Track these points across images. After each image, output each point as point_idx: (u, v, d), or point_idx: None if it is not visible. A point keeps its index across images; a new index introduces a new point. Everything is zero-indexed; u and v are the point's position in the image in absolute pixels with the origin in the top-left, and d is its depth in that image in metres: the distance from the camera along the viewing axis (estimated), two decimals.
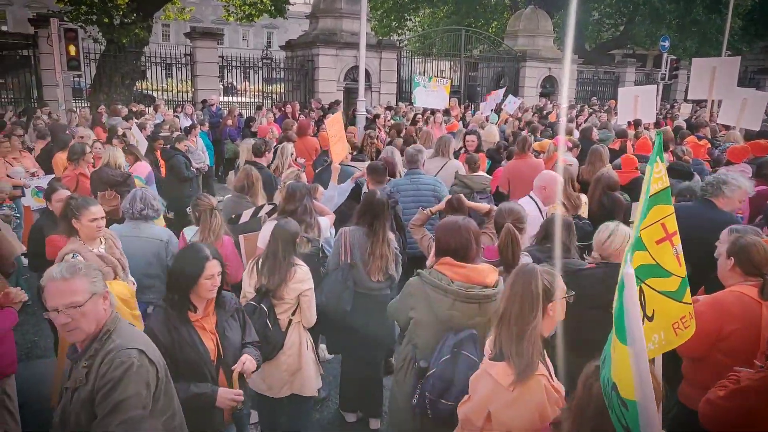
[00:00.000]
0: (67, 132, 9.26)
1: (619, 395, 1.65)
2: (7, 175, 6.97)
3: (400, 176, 5.85)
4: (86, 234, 3.63)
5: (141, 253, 4.12)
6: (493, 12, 31.57)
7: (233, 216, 4.53)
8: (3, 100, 16.59)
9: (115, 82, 17.40)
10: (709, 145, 8.95)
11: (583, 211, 5.25)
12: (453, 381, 2.74)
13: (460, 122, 13.16)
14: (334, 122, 5.91)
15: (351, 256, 4.01)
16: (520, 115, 14.59)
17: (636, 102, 10.92)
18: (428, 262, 3.50)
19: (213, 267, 2.76)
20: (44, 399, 4.48)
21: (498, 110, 15.29)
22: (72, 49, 10.76)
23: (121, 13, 17.32)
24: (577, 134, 9.41)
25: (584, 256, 3.90)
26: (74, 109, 13.64)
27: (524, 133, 9.09)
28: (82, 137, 8.96)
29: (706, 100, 13.87)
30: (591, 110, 17.54)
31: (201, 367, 2.74)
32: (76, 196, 4.02)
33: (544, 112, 16.34)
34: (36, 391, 4.55)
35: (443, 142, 6.79)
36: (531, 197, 4.79)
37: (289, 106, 14.47)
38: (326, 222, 4.60)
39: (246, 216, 4.49)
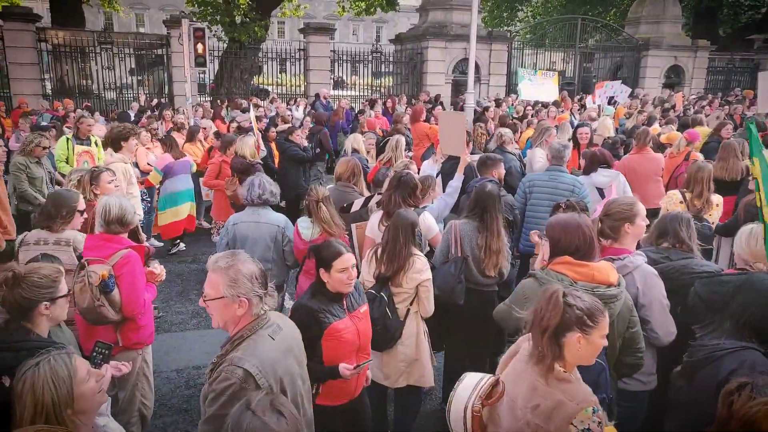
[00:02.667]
0: (193, 123, 9.97)
1: None
2: (147, 163, 7.62)
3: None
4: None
5: (260, 238, 4.28)
6: None
7: (344, 205, 4.61)
8: (139, 94, 18.27)
9: (235, 77, 18.55)
10: None
11: (714, 215, 4.76)
12: None
13: (571, 115, 12.50)
14: (452, 118, 5.78)
15: (461, 249, 3.94)
16: (640, 107, 13.59)
17: None
18: (537, 264, 3.31)
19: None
20: (170, 370, 4.93)
21: (613, 102, 14.39)
22: (200, 47, 11.53)
23: (242, 12, 18.40)
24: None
25: None
26: (200, 102, 14.70)
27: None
28: (205, 128, 9.64)
29: None
30: (724, 102, 15.95)
31: None
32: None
33: (667, 105, 15.10)
34: (165, 362, 5.04)
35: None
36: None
37: (389, 100, 14.53)
38: (428, 215, 4.50)
39: (357, 205, 4.55)
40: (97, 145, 7.58)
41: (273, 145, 8.76)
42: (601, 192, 5.53)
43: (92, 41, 17.15)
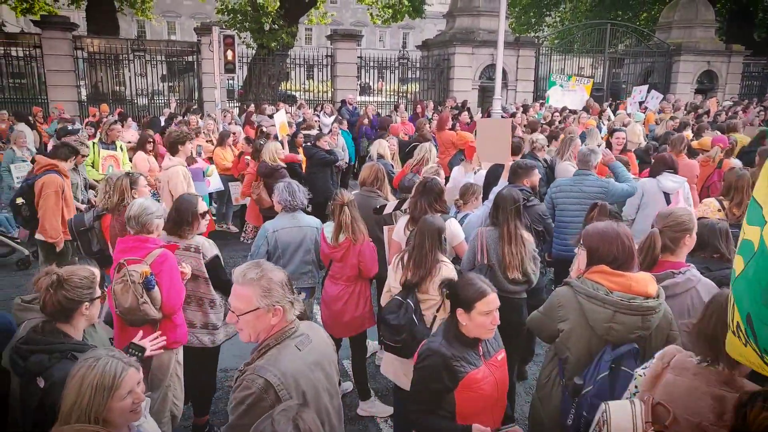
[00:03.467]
0: (222, 129, 10.11)
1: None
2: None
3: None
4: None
5: (303, 242, 4.35)
6: (642, 3, 29.20)
7: (377, 207, 4.64)
8: (170, 101, 18.63)
9: (263, 83, 18.81)
10: None
11: None
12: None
13: (599, 120, 12.32)
14: (493, 125, 5.80)
15: (487, 257, 3.91)
16: (671, 113, 13.32)
17: None
18: (573, 273, 3.24)
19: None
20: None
21: (643, 108, 14.16)
22: (229, 54, 11.72)
23: (270, 19, 18.67)
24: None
25: None
26: (228, 108, 14.93)
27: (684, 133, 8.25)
28: (234, 133, 9.77)
29: None
30: (762, 108, 15.53)
31: None
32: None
33: (700, 111, 14.78)
34: None
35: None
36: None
37: (419, 105, 14.52)
38: (454, 222, 4.48)
39: (389, 207, 4.58)
40: (122, 149, 7.78)
41: (300, 150, 8.84)
42: (667, 197, 5.43)
43: (126, 49, 17.58)
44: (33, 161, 6.52)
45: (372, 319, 4.33)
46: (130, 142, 8.72)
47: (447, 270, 3.51)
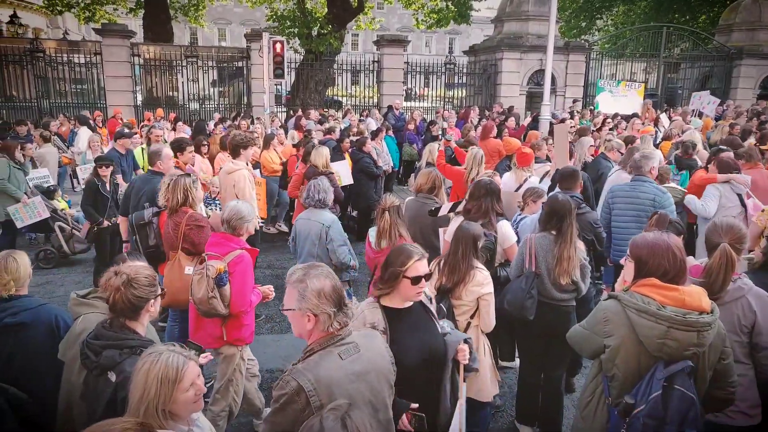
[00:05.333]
0: (270, 132, 10.29)
1: None
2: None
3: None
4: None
5: (309, 234, 4.69)
6: (701, 5, 28.11)
7: (433, 209, 4.66)
8: (221, 106, 19.15)
9: (310, 88, 19.07)
10: None
11: None
12: (666, 420, 2.38)
13: (657, 128, 11.90)
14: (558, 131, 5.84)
15: (536, 263, 3.88)
16: (732, 119, 12.73)
17: None
18: (618, 285, 3.11)
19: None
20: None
21: (700, 114, 13.60)
22: (279, 59, 11.95)
23: (318, 25, 18.92)
24: None
25: None
26: (276, 113, 15.21)
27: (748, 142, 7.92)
28: (278, 135, 9.94)
29: None
30: None
31: None
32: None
33: (763, 117, 14.07)
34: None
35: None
36: None
37: (470, 110, 14.37)
38: (506, 224, 4.44)
39: (445, 209, 4.60)
40: (142, 151, 8.10)
41: (347, 156, 8.89)
42: (741, 199, 5.55)
43: (179, 55, 18.17)
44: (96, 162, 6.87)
45: None
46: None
47: (481, 276, 3.51)
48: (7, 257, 3.06)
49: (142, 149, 8.03)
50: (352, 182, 8.06)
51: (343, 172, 7.80)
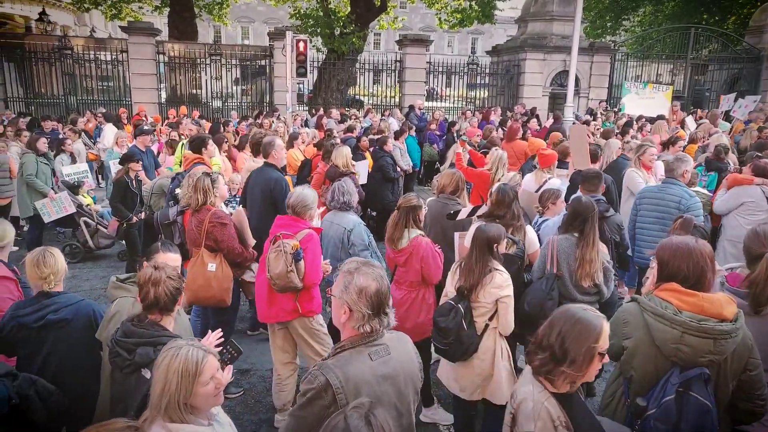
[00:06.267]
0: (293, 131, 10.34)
1: None
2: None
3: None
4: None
5: (332, 237, 4.69)
6: (730, 6, 27.51)
7: (451, 212, 4.63)
8: (244, 104, 19.30)
9: (332, 87, 19.13)
10: None
11: None
12: (679, 426, 2.35)
13: (686, 131, 11.67)
14: (576, 132, 5.76)
15: (557, 265, 3.86)
16: (762, 122, 12.44)
17: None
18: (645, 288, 3.07)
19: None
20: (266, 369, 5.09)
21: (728, 117, 13.30)
22: (301, 58, 12.00)
23: (341, 24, 18.97)
24: None
25: None
26: (298, 112, 15.28)
27: None
28: (301, 134, 9.98)
29: None
30: None
31: None
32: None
33: None
34: (261, 361, 5.22)
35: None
36: None
37: (493, 112, 14.26)
38: (530, 230, 4.43)
39: (464, 213, 4.58)
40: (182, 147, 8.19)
41: (366, 155, 8.88)
42: None
43: (203, 53, 18.35)
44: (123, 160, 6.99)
45: None
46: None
47: (501, 279, 3.50)
48: (44, 252, 3.14)
49: (182, 145, 8.14)
50: (365, 182, 8.07)
51: (362, 171, 7.81)
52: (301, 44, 12.15)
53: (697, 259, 2.53)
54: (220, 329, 2.87)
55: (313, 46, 19.08)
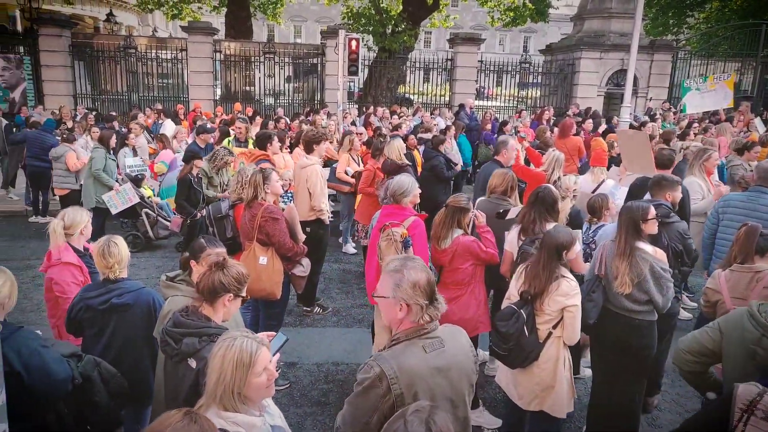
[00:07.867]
0: (344, 129, 10.45)
1: None
2: None
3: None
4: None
5: None
6: None
7: (500, 211, 4.59)
8: (295, 101, 19.63)
9: (381, 85, 19.18)
10: None
11: None
12: None
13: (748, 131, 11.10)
14: (632, 137, 5.60)
15: (604, 269, 3.75)
16: None
17: None
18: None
19: None
20: (311, 363, 5.18)
21: None
22: (353, 56, 12.07)
23: (393, 22, 18.99)
24: None
25: None
26: (348, 110, 15.41)
27: None
28: (360, 133, 10.08)
29: None
30: None
31: None
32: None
33: None
34: (307, 355, 5.32)
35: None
36: None
37: (547, 111, 13.94)
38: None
39: (513, 213, 4.53)
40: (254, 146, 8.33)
41: (415, 153, 8.87)
42: None
43: (258, 51, 18.77)
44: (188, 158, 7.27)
45: (487, 325, 4.20)
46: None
47: (568, 287, 3.36)
48: (108, 242, 3.30)
49: (229, 141, 8.50)
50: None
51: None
52: (354, 43, 12.20)
53: None
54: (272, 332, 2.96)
55: (365, 44, 19.18)
